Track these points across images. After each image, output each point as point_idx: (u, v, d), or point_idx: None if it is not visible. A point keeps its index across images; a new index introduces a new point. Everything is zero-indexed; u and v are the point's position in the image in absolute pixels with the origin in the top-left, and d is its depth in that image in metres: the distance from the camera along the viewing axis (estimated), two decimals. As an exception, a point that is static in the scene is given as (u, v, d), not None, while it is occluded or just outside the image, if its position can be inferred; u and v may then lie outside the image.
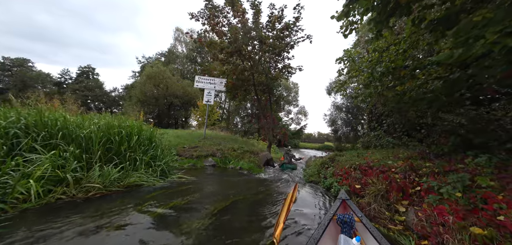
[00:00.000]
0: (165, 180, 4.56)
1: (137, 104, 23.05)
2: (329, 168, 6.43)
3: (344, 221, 2.07)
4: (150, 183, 4.15)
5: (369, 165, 4.69)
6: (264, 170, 7.27)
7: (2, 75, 34.49)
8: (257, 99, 11.10)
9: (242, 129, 32.31)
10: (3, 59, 34.30)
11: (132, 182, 3.89)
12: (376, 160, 4.86)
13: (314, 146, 35.48)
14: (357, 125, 29.83)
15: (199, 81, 9.78)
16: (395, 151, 6.31)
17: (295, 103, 33.52)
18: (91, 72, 34.53)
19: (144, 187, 3.98)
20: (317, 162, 6.63)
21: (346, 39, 5.90)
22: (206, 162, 6.88)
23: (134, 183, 3.92)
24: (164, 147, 7.36)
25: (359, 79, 6.00)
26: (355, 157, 5.98)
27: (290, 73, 11.43)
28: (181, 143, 8.39)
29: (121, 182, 3.74)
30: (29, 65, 35.55)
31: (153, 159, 4.97)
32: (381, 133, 8.91)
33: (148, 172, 4.43)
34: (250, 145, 9.36)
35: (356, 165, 4.92)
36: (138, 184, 3.96)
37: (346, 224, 2.07)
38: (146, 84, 22.77)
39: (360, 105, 28.70)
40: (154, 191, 3.84)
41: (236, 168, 6.72)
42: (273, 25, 9.69)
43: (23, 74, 33.27)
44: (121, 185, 3.72)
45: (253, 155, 7.91)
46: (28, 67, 35.24)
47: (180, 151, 7.34)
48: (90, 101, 32.49)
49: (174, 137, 9.54)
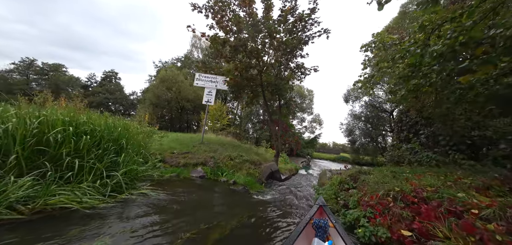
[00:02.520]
0: (116, 198, 3.20)
1: (149, 107, 22.79)
2: (351, 190, 4.67)
3: (319, 225, 2.15)
4: (87, 204, 2.80)
5: (420, 195, 2.91)
6: (265, 186, 5.67)
7: (40, 79, 37.34)
8: (265, 102, 9.60)
9: (253, 136, 30.89)
10: (42, 65, 37.18)
11: (53, 204, 2.56)
12: (431, 188, 3.05)
13: (329, 157, 32.72)
14: (378, 136, 26.78)
15: (199, 78, 8.58)
16: (448, 172, 4.37)
17: (309, 110, 31.39)
18: (114, 76, 35.87)
19: (74, 210, 2.64)
20: (334, 181, 4.89)
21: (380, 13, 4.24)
22: (194, 172, 5.48)
23: (57, 205, 2.59)
24: (148, 151, 6.16)
25: (395, 69, 4.25)
26: (390, 177, 4.15)
27: (303, 75, 9.82)
28: (175, 147, 7.14)
29: (33, 203, 2.43)
30: (63, 70, 38.06)
31: (113, 166, 3.69)
32: (417, 146, 6.84)
33: (94, 187, 3.11)
34: (253, 154, 7.83)
35: (397, 193, 3.15)
36: (64, 206, 2.63)
37: (321, 228, 2.14)
38: (159, 87, 22.49)
39: (381, 115, 25.89)
40: (73, 220, 2.48)
41: (229, 182, 5.22)
42: (285, 18, 8.24)
43: (57, 78, 35.55)
44: (32, 208, 2.40)
45: (253, 166, 6.36)
46: (62, 71, 37.70)
47: (167, 157, 6.05)
48: (111, 103, 33.52)
49: (172, 141, 8.36)
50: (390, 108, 25.64)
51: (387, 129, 26.47)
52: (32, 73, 36.14)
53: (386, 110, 25.94)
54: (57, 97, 10.28)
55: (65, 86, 35.90)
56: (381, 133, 26.60)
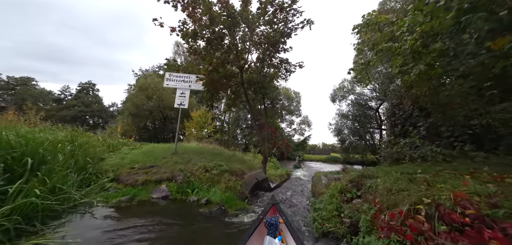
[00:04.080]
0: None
1: (128, 117, 20.84)
2: (355, 199, 3.66)
3: (271, 223, 2.27)
4: None
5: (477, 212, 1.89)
6: (249, 202, 4.51)
7: (5, 94, 33.71)
8: (248, 102, 8.51)
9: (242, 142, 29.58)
10: (7, 79, 33.66)
11: None
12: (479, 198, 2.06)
13: (320, 158, 32.14)
14: (366, 134, 26.59)
15: (170, 79, 7.32)
16: (471, 168, 3.48)
17: (297, 112, 30.80)
18: (91, 88, 33.15)
19: None
20: (333, 190, 3.83)
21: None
22: (156, 192, 4.19)
23: None
24: (101, 168, 4.78)
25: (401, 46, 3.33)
26: (405, 182, 3.16)
27: (288, 72, 8.88)
28: (139, 161, 5.77)
29: None
30: (32, 83, 34.67)
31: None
32: (417, 140, 6.04)
33: None
34: (237, 162, 6.64)
35: (429, 207, 2.14)
36: None
37: (272, 226, 2.26)
38: (138, 96, 20.69)
39: (368, 112, 25.78)
40: None
41: (200, 202, 3.99)
42: (264, 10, 7.28)
43: (24, 92, 32.23)
44: None
45: (235, 177, 5.17)
46: (31, 85, 34.32)
47: (123, 175, 4.69)
48: (88, 116, 30.78)
49: (142, 153, 6.94)
50: (375, 105, 25.70)
51: (374, 126, 26.45)
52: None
53: (371, 108, 25.95)
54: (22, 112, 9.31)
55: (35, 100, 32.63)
56: (369, 130, 26.49)
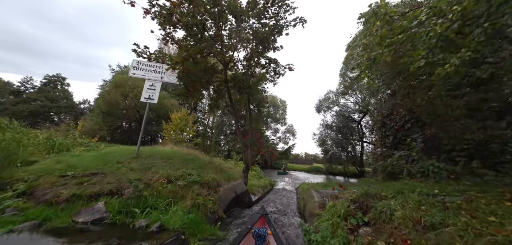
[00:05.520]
0: None
1: (99, 115, 18.43)
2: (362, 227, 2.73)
3: (259, 234, 2.22)
4: None
5: None
6: (222, 225, 3.34)
7: None
8: (231, 103, 7.43)
9: (225, 149, 28.05)
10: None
11: None
12: None
13: (303, 168, 31.71)
14: (348, 145, 26.74)
15: (138, 67, 6.00)
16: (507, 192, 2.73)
17: (282, 121, 30.26)
18: (60, 82, 29.48)
19: None
20: (332, 213, 2.86)
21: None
22: (86, 212, 2.85)
23: None
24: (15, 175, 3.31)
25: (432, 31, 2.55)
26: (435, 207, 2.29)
27: (277, 74, 8.01)
28: (86, 166, 4.30)
29: None
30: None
31: None
32: (415, 153, 5.41)
33: None
34: (212, 170, 5.45)
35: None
36: None
37: (260, 237, 2.21)
38: (111, 93, 18.48)
39: (351, 124, 26.05)
40: None
41: (150, 228, 2.74)
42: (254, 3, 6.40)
43: (-26, 81, 27.64)
44: None
45: (206, 190, 3.98)
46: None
47: (43, 187, 3.25)
48: (53, 113, 27.12)
49: (95, 156, 5.43)
50: (358, 118, 26.09)
51: (355, 139, 26.76)
52: None
53: (354, 120, 26.31)
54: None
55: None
56: (351, 142, 26.71)
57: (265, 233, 2.23)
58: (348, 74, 21.55)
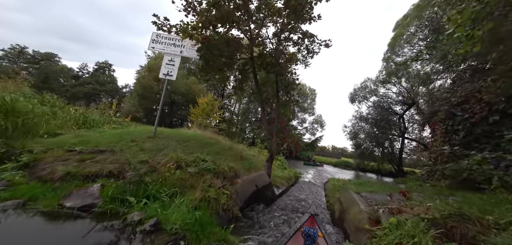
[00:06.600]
0: None
1: (135, 98, 19.74)
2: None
3: (309, 234, 2.10)
4: None
5: None
6: (235, 231, 2.56)
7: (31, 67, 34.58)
8: (256, 84, 6.52)
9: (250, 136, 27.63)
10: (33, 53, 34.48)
11: None
12: None
13: (330, 161, 29.49)
14: (385, 141, 23.45)
15: (157, 40, 5.50)
16: None
17: (311, 111, 28.21)
18: (107, 68, 32.94)
19: None
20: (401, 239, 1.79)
21: None
22: (79, 195, 2.37)
23: None
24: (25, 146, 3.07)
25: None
26: None
27: (310, 52, 6.71)
28: (100, 142, 4.03)
29: None
30: (55, 59, 35.27)
31: None
32: None
33: None
34: (231, 158, 4.73)
35: None
36: None
37: (310, 237, 2.09)
38: (146, 77, 19.48)
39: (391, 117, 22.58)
40: None
41: (143, 223, 2.09)
42: None
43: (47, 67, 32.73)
44: None
45: (221, 181, 3.24)
46: (54, 61, 34.90)
47: (44, 161, 2.93)
48: (102, 95, 30.58)
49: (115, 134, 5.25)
50: (400, 110, 22.46)
51: (395, 134, 23.24)
52: (22, 61, 33.42)
53: (395, 112, 22.76)
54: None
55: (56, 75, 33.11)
56: (389, 137, 23.36)
57: (315, 234, 2.09)
58: (394, 58, 18.33)
